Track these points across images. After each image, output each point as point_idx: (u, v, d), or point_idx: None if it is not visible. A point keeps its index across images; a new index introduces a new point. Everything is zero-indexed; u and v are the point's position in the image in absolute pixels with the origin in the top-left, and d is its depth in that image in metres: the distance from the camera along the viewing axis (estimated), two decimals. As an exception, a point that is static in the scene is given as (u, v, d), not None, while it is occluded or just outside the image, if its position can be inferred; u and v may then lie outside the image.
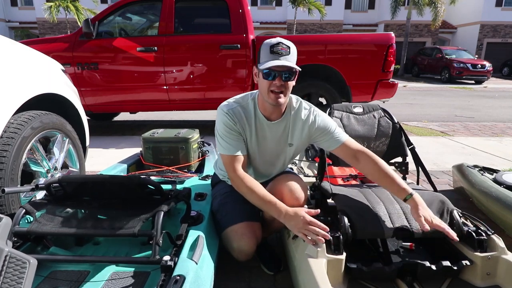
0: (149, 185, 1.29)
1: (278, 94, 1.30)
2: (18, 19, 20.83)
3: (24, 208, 1.23)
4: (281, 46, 1.26)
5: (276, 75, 1.27)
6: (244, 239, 1.34)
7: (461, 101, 8.35)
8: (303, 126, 1.45)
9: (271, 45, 1.27)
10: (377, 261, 1.24)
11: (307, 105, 1.48)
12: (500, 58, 20.24)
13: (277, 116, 1.43)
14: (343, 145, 1.43)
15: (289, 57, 1.27)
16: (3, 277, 0.86)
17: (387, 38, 3.92)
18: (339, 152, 1.45)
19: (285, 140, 1.48)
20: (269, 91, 1.30)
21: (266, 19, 20.73)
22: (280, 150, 1.51)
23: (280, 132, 1.46)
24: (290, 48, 1.28)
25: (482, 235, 1.28)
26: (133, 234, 1.13)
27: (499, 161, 3.27)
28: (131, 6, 3.98)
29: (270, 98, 1.31)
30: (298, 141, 1.49)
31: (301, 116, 1.45)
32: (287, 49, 1.27)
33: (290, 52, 1.28)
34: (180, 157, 2.26)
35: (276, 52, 1.26)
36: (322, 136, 1.46)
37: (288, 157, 1.55)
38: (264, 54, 1.28)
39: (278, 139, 1.48)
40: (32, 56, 1.80)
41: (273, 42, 1.27)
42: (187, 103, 4.12)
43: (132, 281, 1.17)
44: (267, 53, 1.27)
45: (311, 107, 1.49)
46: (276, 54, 1.26)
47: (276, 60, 1.25)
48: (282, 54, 1.26)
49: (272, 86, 1.29)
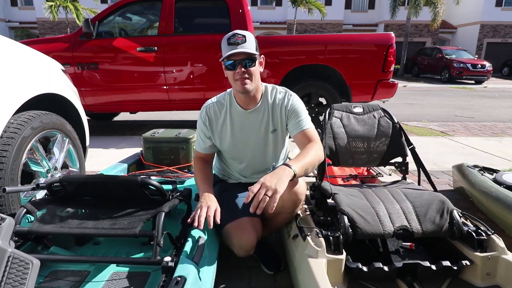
0: (150, 185, 1.29)
1: (243, 80, 1.36)
2: (18, 19, 20.82)
3: (25, 207, 1.23)
4: (237, 36, 1.33)
5: (236, 64, 1.34)
6: (245, 234, 1.35)
7: (461, 101, 8.35)
8: (281, 108, 1.50)
9: (228, 37, 1.34)
10: (377, 261, 1.24)
11: (282, 89, 1.54)
12: (500, 58, 20.23)
13: (253, 105, 1.48)
14: (303, 132, 1.44)
15: (245, 44, 1.33)
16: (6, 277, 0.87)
17: (387, 38, 3.92)
18: (297, 138, 1.47)
19: (267, 127, 1.51)
20: (235, 80, 1.38)
21: (266, 19, 20.72)
22: (263, 139, 1.53)
23: (259, 119, 1.50)
24: (245, 36, 1.34)
25: (482, 235, 1.28)
26: (134, 234, 1.13)
27: (499, 161, 3.27)
28: (131, 6, 3.97)
29: (238, 86, 1.38)
30: (279, 125, 1.52)
31: (277, 100, 1.50)
32: (242, 38, 1.33)
33: (247, 40, 1.34)
34: (180, 157, 2.27)
35: (232, 43, 1.33)
36: (291, 119, 1.49)
37: (276, 144, 1.56)
38: (224, 48, 1.36)
39: (258, 128, 1.51)
40: (32, 56, 1.80)
41: (229, 35, 1.34)
42: (187, 103, 4.12)
43: (133, 281, 1.17)
44: (225, 46, 1.35)
45: (286, 91, 1.53)
46: (233, 45, 1.33)
47: (233, 51, 1.32)
48: (238, 43, 1.32)
49: (236, 75, 1.36)
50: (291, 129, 1.48)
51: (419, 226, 1.29)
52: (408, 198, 1.41)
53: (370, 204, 1.37)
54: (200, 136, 1.55)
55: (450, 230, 1.29)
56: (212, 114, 1.51)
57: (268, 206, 1.11)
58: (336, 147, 1.77)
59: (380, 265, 1.21)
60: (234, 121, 1.50)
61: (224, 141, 1.52)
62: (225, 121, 1.50)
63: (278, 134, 1.53)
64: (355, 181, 2.11)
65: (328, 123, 1.80)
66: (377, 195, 1.45)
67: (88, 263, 1.24)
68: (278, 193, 1.12)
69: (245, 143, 1.52)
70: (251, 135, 1.52)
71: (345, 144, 1.78)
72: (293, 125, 1.47)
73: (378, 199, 1.41)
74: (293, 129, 1.47)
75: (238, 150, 1.54)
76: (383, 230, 1.26)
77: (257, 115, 1.49)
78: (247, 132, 1.51)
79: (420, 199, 1.39)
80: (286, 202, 1.38)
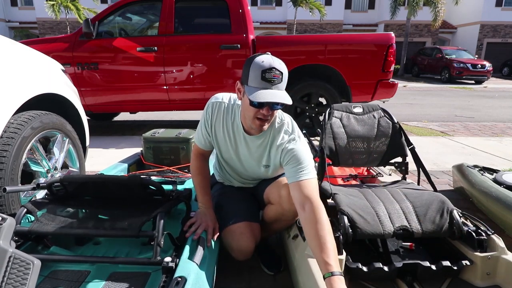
0: (151, 185, 1.29)
1: (263, 121, 1.22)
2: (18, 19, 20.81)
3: (25, 207, 1.23)
4: (274, 73, 1.13)
5: (265, 104, 1.17)
6: (243, 239, 1.34)
7: (461, 101, 8.35)
8: (279, 148, 1.33)
9: (263, 69, 1.12)
10: (377, 261, 1.24)
11: (289, 129, 1.35)
12: (500, 58, 20.22)
13: (256, 132, 1.33)
14: (298, 183, 1.23)
15: (281, 85, 1.16)
16: (7, 278, 0.87)
17: (387, 38, 3.92)
18: (291, 191, 1.26)
19: (259, 159, 1.40)
20: (254, 118, 1.21)
21: (266, 19, 20.72)
22: (256, 166, 1.44)
23: (255, 147, 1.38)
24: (282, 74, 1.15)
25: (482, 235, 1.28)
26: (135, 234, 1.13)
27: (499, 161, 3.27)
28: (131, 6, 3.97)
29: (255, 124, 1.23)
30: (272, 163, 1.40)
31: (279, 138, 1.34)
32: (279, 76, 1.14)
33: (283, 80, 1.16)
34: (180, 157, 2.27)
35: (268, 79, 1.13)
36: (289, 164, 1.29)
37: (267, 174, 1.48)
38: (254, 78, 1.14)
39: (252, 154, 1.40)
40: (32, 56, 1.80)
41: (266, 67, 1.12)
42: (187, 103, 4.12)
43: (133, 281, 1.17)
44: (257, 77, 1.13)
45: (293, 132, 1.35)
46: (267, 82, 1.13)
47: (268, 92, 1.13)
48: (274, 82, 1.13)
49: (258, 114, 1.20)
50: (287, 175, 1.30)
51: (419, 226, 1.29)
52: (408, 198, 1.41)
53: (370, 204, 1.37)
54: (201, 130, 1.42)
55: (450, 230, 1.29)
56: (216, 115, 1.38)
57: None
58: (336, 147, 1.77)
59: (380, 265, 1.21)
60: (236, 140, 1.39)
61: (220, 147, 1.45)
62: (226, 131, 1.39)
63: (269, 170, 1.44)
64: (355, 181, 2.11)
65: (328, 123, 1.80)
66: (377, 195, 1.45)
67: (88, 263, 1.24)
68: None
69: (238, 159, 1.45)
70: (245, 157, 1.43)
71: (345, 144, 1.78)
72: (289, 170, 1.28)
73: (378, 199, 1.41)
74: (289, 176, 1.28)
75: (230, 159, 1.47)
76: (383, 230, 1.26)
77: (257, 143, 1.37)
78: (245, 155, 1.42)
79: (420, 199, 1.39)
80: (287, 212, 1.38)
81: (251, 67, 1.15)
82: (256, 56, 1.16)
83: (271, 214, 1.46)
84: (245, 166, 1.47)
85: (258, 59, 1.15)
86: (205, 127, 1.41)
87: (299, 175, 1.24)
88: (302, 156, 1.28)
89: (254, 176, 1.53)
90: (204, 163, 1.51)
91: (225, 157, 1.48)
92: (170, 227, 1.38)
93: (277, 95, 1.13)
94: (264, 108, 1.17)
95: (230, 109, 1.38)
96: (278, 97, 1.13)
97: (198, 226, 1.30)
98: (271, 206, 1.45)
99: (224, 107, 1.38)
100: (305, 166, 1.26)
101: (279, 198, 1.37)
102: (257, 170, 1.46)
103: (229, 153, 1.44)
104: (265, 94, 1.13)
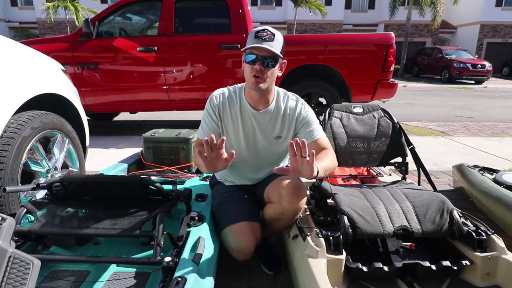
0: (151, 185, 1.29)
1: (258, 78, 1.32)
2: (18, 19, 20.82)
3: (25, 207, 1.23)
4: (266, 32, 1.28)
5: (257, 59, 1.29)
6: (243, 239, 1.34)
7: (461, 101, 8.35)
8: (291, 116, 1.47)
9: (256, 31, 1.30)
10: (377, 261, 1.24)
11: (293, 96, 1.51)
12: (500, 58, 20.23)
13: (263, 106, 1.44)
14: (316, 142, 1.43)
15: (272, 43, 1.29)
16: (7, 277, 0.87)
17: (387, 38, 3.93)
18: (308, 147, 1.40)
19: (271, 132, 1.49)
20: (250, 76, 1.33)
21: (266, 19, 20.71)
22: (266, 142, 1.50)
23: (265, 122, 1.47)
24: (275, 35, 1.30)
25: (482, 235, 1.28)
26: (135, 234, 1.13)
27: (499, 161, 3.27)
28: (131, 6, 3.97)
29: (251, 81, 1.34)
30: (285, 133, 1.49)
31: (288, 106, 1.47)
32: (271, 35, 1.29)
33: (274, 39, 1.29)
34: (180, 157, 2.27)
35: (259, 37, 1.28)
36: (303, 128, 1.47)
37: (277, 150, 1.53)
38: (249, 40, 1.31)
39: (263, 130, 1.48)
40: (32, 56, 1.80)
41: (259, 29, 1.30)
42: (187, 103, 4.13)
43: (133, 281, 1.17)
44: (251, 38, 1.30)
45: (297, 98, 1.51)
46: (259, 39, 1.28)
47: (257, 44, 1.27)
48: (265, 39, 1.28)
49: (252, 70, 1.31)
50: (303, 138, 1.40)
51: (419, 226, 1.29)
52: (408, 198, 1.41)
53: (370, 204, 1.37)
54: (206, 123, 1.47)
55: (450, 230, 1.29)
56: (220, 103, 1.46)
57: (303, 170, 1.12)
58: (336, 147, 1.77)
59: (380, 265, 1.21)
60: (244, 120, 1.46)
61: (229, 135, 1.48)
62: (232, 117, 1.46)
63: (281, 141, 1.51)
64: (355, 181, 2.11)
65: (328, 123, 1.80)
66: (377, 195, 1.45)
67: (89, 263, 1.24)
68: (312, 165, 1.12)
69: (249, 146, 1.50)
70: (258, 139, 1.49)
71: (345, 144, 1.78)
72: (305, 134, 1.45)
73: (378, 199, 1.41)
74: (305, 138, 1.38)
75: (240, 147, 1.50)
76: (383, 230, 1.26)
77: (265, 118, 1.46)
78: (255, 134, 1.48)
79: (420, 199, 1.39)
80: (287, 211, 1.37)
81: (249, 35, 1.33)
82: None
83: (271, 213, 1.46)
84: (256, 145, 1.51)
85: (256, 28, 1.33)
86: (211, 118, 1.46)
87: (314, 135, 1.44)
88: (312, 118, 1.47)
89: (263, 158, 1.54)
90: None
91: (233, 145, 1.51)
92: (170, 227, 1.38)
93: (264, 46, 1.26)
94: (256, 63, 1.29)
95: (233, 94, 1.48)
96: (265, 47, 1.26)
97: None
98: (271, 205, 1.45)
99: (227, 95, 1.48)
100: (316, 127, 1.47)
101: (279, 197, 1.37)
102: (268, 147, 1.51)
103: (238, 137, 1.48)
104: (254, 45, 1.27)
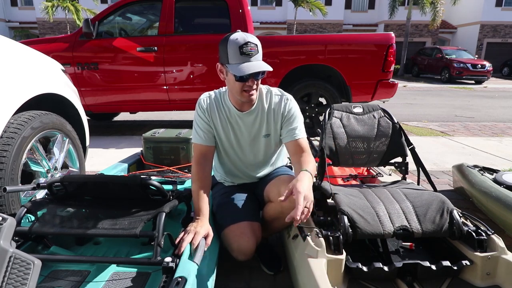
0: (151, 185, 1.29)
1: (250, 92, 1.32)
2: (18, 19, 20.81)
3: (25, 207, 1.23)
4: (250, 46, 1.23)
5: (249, 76, 1.27)
6: (244, 239, 1.34)
7: (461, 101, 8.35)
8: (276, 112, 1.45)
9: (239, 45, 1.22)
10: (377, 261, 1.24)
11: (278, 92, 1.49)
12: (500, 58, 20.23)
13: (248, 107, 1.43)
14: (296, 142, 1.42)
15: (258, 55, 1.26)
16: (8, 278, 0.87)
17: (387, 38, 3.93)
18: (289, 146, 1.45)
19: (259, 131, 1.48)
20: (242, 91, 1.31)
21: (266, 19, 20.72)
22: (255, 142, 1.50)
23: (251, 122, 1.46)
24: (257, 46, 1.26)
25: (482, 235, 1.28)
26: (135, 234, 1.13)
27: (499, 161, 3.27)
28: (131, 6, 3.97)
29: (244, 97, 1.33)
30: (272, 130, 1.48)
31: (272, 104, 1.46)
32: (255, 48, 1.24)
33: (259, 51, 1.26)
34: (180, 157, 2.27)
35: (245, 53, 1.23)
36: (286, 125, 1.45)
37: (268, 148, 1.53)
38: (233, 55, 1.24)
39: (250, 130, 1.47)
40: (32, 56, 1.80)
41: (241, 42, 1.22)
42: (187, 103, 4.13)
43: (133, 281, 1.17)
44: (236, 54, 1.23)
45: (282, 94, 1.48)
46: (246, 56, 1.23)
47: (249, 64, 1.23)
48: (252, 54, 1.24)
49: (245, 87, 1.30)
50: (284, 135, 1.46)
51: (419, 226, 1.29)
52: (408, 198, 1.41)
53: (370, 204, 1.37)
54: (198, 126, 1.46)
55: (450, 230, 1.29)
56: (208, 107, 1.45)
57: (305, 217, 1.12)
58: (336, 147, 1.77)
59: (380, 265, 1.21)
60: (231, 123, 1.46)
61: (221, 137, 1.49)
62: (221, 120, 1.46)
63: (271, 139, 1.51)
64: (355, 181, 2.11)
65: (328, 123, 1.80)
66: (377, 195, 1.45)
67: (89, 263, 1.24)
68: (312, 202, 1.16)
69: (240, 146, 1.51)
70: (243, 137, 1.49)
71: (345, 144, 1.78)
72: (287, 131, 1.44)
73: (378, 199, 1.41)
74: (286, 135, 1.44)
75: (231, 148, 1.51)
76: (383, 230, 1.26)
77: (251, 118, 1.45)
78: (243, 134, 1.48)
79: (420, 199, 1.39)
80: (286, 209, 1.37)
81: (228, 46, 1.24)
82: (229, 36, 1.26)
83: (271, 212, 1.46)
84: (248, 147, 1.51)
85: (232, 37, 1.24)
86: (202, 120, 1.45)
87: (295, 134, 1.42)
88: (296, 115, 1.45)
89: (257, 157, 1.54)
90: (205, 168, 1.42)
91: (226, 147, 1.51)
92: (170, 227, 1.38)
93: (257, 66, 1.24)
94: (249, 80, 1.27)
95: (219, 97, 1.47)
96: (259, 67, 1.24)
97: (187, 233, 1.18)
98: (271, 204, 1.45)
99: (214, 98, 1.47)
100: (299, 125, 1.44)
101: (279, 196, 1.37)
102: (259, 147, 1.51)
103: (229, 139, 1.48)
104: (247, 67, 1.23)
